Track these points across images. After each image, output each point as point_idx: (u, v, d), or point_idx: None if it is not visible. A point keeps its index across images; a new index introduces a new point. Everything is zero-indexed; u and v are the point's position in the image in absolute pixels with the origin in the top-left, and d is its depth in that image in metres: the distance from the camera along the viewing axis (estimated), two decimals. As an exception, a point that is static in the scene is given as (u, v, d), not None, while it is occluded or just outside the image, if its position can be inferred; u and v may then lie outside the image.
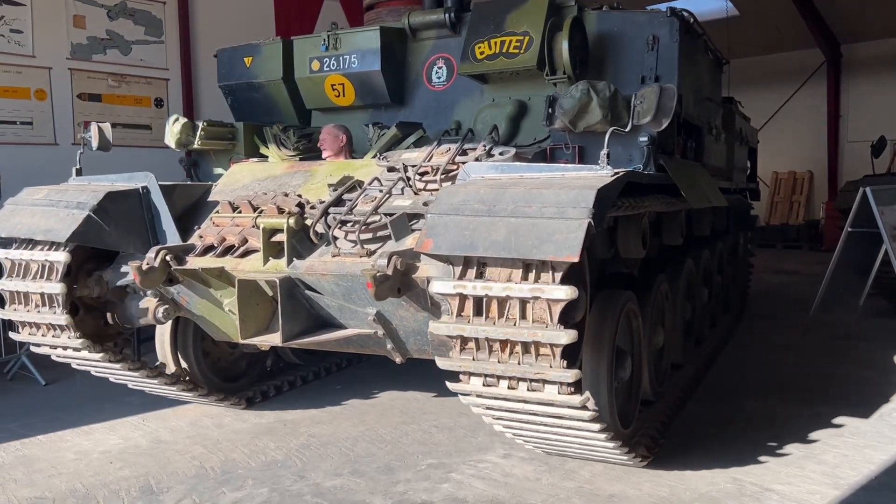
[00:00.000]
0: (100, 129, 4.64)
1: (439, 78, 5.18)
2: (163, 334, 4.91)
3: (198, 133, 4.94)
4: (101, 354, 4.11)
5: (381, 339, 3.76)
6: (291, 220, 3.69)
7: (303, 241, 3.75)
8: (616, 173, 3.10)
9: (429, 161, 3.95)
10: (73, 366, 4.50)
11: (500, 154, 3.89)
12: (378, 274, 3.20)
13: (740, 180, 7.61)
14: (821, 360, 6.40)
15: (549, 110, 3.87)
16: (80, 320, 4.11)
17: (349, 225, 3.69)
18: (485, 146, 3.92)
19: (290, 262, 3.67)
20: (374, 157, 4.38)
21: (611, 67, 4.70)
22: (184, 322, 4.77)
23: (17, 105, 10.79)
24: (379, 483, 3.79)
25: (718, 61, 6.03)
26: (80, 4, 11.37)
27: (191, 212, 4.43)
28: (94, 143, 4.67)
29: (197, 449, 4.33)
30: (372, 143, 4.74)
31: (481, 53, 4.70)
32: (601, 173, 3.12)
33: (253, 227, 3.85)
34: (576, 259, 2.66)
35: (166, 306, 4.15)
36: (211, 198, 4.49)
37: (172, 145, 5.01)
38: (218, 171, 5.18)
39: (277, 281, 3.57)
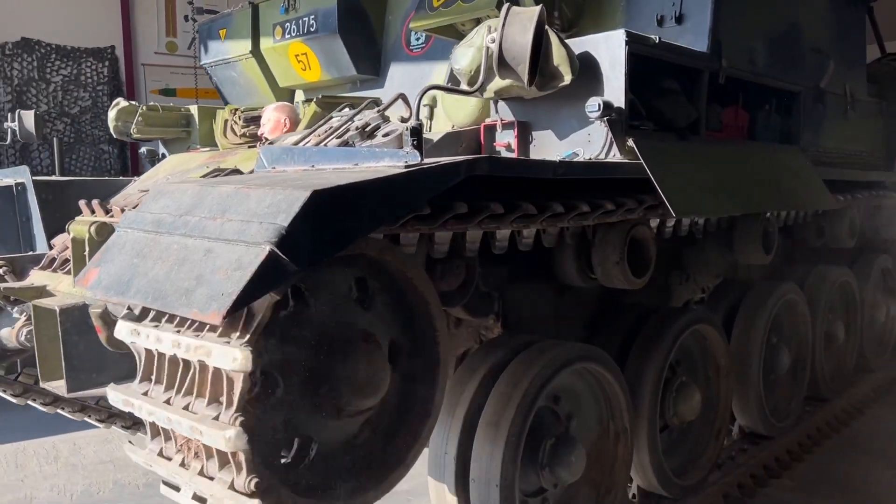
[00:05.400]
0: (20, 118, 4.08)
1: (418, 40, 3.98)
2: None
3: (135, 119, 4.20)
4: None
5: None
6: (93, 228, 2.77)
7: (122, 256, 2.82)
8: (421, 165, 1.79)
9: (305, 144, 2.84)
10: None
11: (385, 136, 2.67)
12: (122, 313, 2.18)
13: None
14: None
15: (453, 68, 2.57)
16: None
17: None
18: (367, 124, 2.72)
19: (92, 283, 2.75)
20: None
21: (619, 8, 3.23)
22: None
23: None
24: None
25: (850, -1, 4.15)
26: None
27: (92, 213, 3.70)
28: (19, 132, 4.13)
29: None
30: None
31: (438, 1, 3.44)
32: (396, 162, 1.83)
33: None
34: (217, 321, 1.44)
35: (31, 328, 3.44)
36: (117, 196, 3.72)
37: (113, 133, 4.33)
38: (172, 163, 4.42)
39: (57, 310, 2.66)
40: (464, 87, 2.51)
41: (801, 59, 3.66)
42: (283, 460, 1.86)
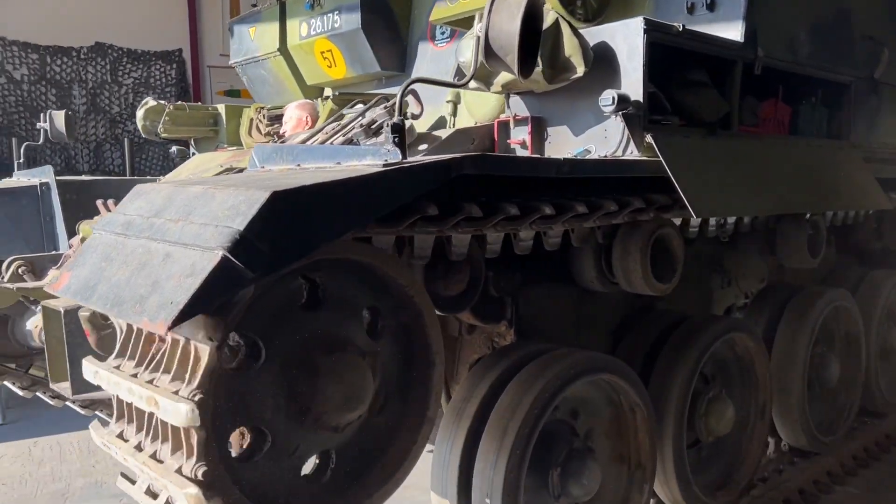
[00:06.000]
0: (51, 119, 4.12)
1: (443, 34, 3.86)
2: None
3: (162, 118, 4.19)
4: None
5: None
6: (100, 228, 2.73)
7: (130, 257, 2.78)
8: (401, 164, 1.67)
9: (313, 142, 2.75)
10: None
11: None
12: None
13: None
14: None
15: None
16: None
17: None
18: (374, 121, 2.61)
19: (99, 284, 2.72)
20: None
21: (648, -4, 3.04)
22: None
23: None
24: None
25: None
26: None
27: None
28: (50, 133, 4.18)
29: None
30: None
31: (459, -9, 3.31)
32: (377, 161, 1.71)
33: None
34: (162, 331, 1.35)
35: (52, 326, 3.46)
36: (139, 196, 3.71)
37: (142, 132, 4.34)
38: (200, 162, 4.40)
39: (62, 312, 2.64)
40: (474, 81, 2.37)
41: (850, 47, 3.40)
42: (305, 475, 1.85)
